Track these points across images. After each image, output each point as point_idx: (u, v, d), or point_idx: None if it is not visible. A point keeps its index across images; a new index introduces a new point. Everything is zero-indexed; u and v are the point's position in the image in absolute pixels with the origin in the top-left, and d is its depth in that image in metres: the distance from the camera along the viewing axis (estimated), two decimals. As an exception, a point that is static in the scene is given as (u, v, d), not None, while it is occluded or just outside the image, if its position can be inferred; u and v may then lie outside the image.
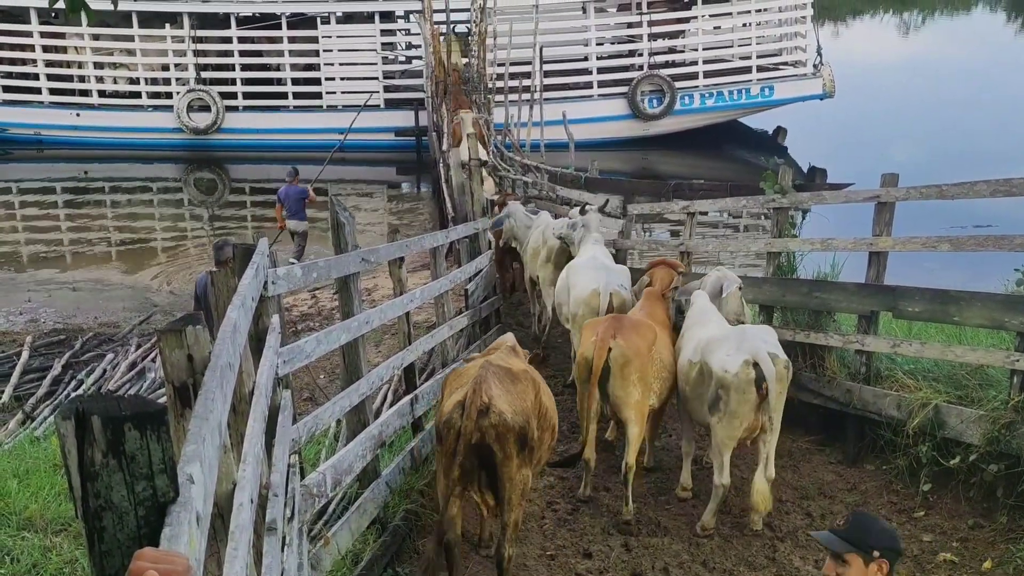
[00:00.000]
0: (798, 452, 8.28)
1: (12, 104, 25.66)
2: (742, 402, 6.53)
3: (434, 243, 8.83)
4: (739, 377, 6.51)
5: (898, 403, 7.35)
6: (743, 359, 6.52)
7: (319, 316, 14.06)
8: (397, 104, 25.74)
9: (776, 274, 9.52)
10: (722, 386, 6.58)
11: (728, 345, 6.68)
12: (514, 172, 17.38)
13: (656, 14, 25.97)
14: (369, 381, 6.18)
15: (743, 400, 6.52)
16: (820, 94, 26.16)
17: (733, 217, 19.58)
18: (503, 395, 5.50)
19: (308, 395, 10.48)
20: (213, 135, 25.40)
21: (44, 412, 10.30)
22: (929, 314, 7.42)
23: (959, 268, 13.39)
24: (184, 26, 25.23)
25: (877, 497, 7.29)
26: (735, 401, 6.54)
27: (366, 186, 24.70)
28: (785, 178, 9.67)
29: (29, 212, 22.54)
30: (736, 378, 6.51)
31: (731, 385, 6.54)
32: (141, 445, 1.66)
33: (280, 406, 4.49)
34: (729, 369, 6.55)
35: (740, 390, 6.52)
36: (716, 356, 6.71)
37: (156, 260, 18.01)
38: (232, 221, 21.36)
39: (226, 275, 3.99)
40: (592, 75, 25.96)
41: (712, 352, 6.77)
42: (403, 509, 6.54)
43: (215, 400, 2.30)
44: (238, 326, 3.15)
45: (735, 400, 6.54)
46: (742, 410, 6.55)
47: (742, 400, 6.53)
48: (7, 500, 5.97)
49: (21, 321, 14.48)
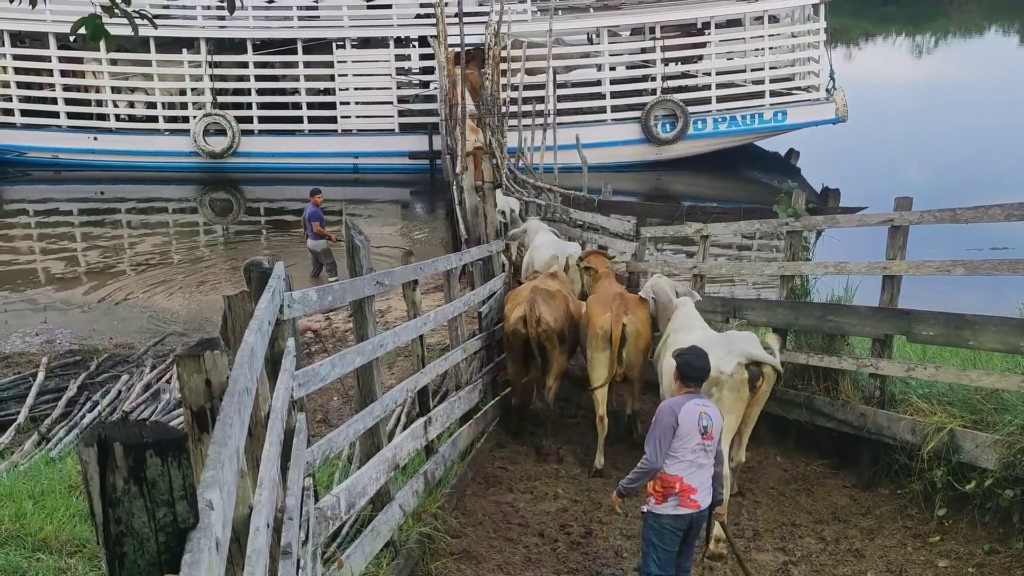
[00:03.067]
0: (812, 476, 8.26)
1: (31, 128, 25.92)
2: (736, 400, 7.23)
3: (448, 266, 8.86)
4: (734, 377, 7.20)
5: (913, 427, 7.31)
6: (736, 361, 7.23)
7: (333, 338, 14.09)
8: (411, 128, 25.88)
9: (790, 297, 9.51)
10: (716, 385, 7.14)
11: (720, 349, 7.30)
12: (528, 194, 17.44)
13: (669, 39, 26.06)
14: (383, 404, 6.19)
15: (737, 398, 7.24)
16: (833, 118, 26.17)
17: (747, 238, 19.55)
18: (548, 310, 8.91)
19: (321, 417, 10.50)
20: (229, 159, 25.58)
21: (59, 433, 10.34)
22: (944, 338, 7.40)
23: (974, 291, 13.33)
24: (201, 51, 25.47)
25: (892, 522, 7.25)
26: (730, 399, 7.20)
27: (380, 207, 24.79)
28: (798, 202, 9.68)
29: (46, 232, 22.70)
30: (731, 378, 7.20)
31: (726, 384, 7.20)
32: (162, 471, 1.68)
33: (295, 429, 4.51)
34: (724, 370, 7.17)
35: (735, 388, 7.22)
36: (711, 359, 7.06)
37: (170, 281, 18.11)
38: (247, 243, 21.46)
39: (243, 299, 4.02)
40: (605, 99, 26.04)
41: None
42: (416, 532, 6.54)
43: (233, 425, 2.32)
44: (255, 350, 3.18)
45: (730, 398, 7.20)
46: (737, 407, 7.26)
47: (736, 398, 7.23)
48: (22, 521, 5.99)
49: (37, 342, 14.57)
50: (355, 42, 26.16)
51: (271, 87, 26.46)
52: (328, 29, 25.82)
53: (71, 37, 5.98)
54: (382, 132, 25.57)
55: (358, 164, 24.25)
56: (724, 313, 10.12)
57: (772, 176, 25.49)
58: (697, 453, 5.60)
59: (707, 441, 5.62)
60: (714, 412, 5.73)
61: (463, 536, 6.93)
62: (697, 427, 5.58)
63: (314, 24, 26.05)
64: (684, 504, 5.61)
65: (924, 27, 53.03)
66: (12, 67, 25.90)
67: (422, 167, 25.68)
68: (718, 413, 5.80)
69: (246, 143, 25.56)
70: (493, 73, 22.61)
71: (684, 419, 5.56)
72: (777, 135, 27.04)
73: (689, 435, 5.57)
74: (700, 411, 5.61)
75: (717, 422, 5.71)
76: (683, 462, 5.59)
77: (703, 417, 5.60)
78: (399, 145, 25.58)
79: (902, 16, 54.33)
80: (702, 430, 5.59)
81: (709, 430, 5.61)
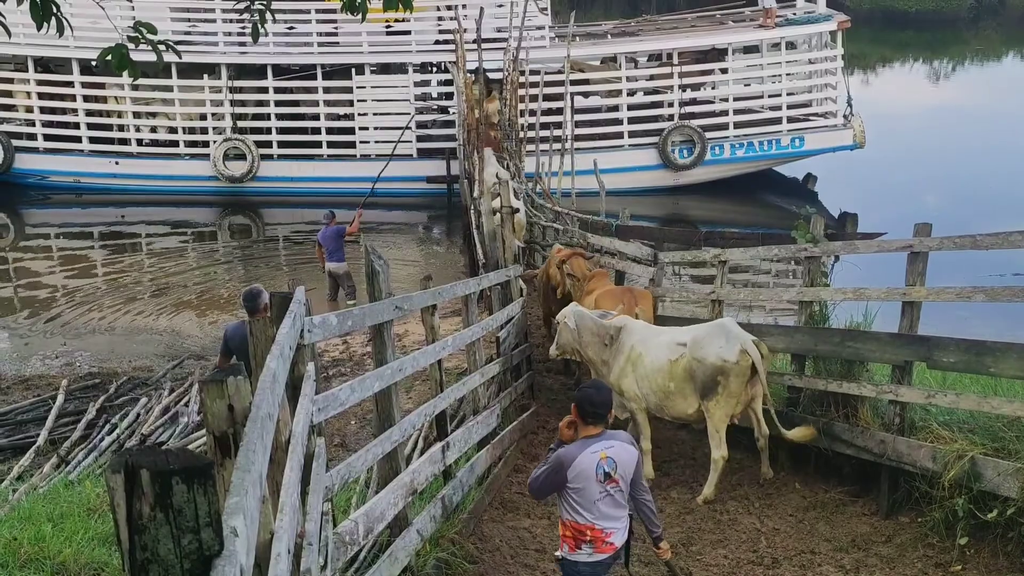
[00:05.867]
0: (832, 503, 8.20)
1: (53, 152, 26.18)
2: (740, 385, 8.21)
3: (466, 290, 8.88)
4: (740, 364, 8.14)
5: (933, 455, 7.25)
6: (739, 348, 8.15)
7: (350, 362, 14.12)
8: (429, 153, 25.99)
9: (808, 323, 9.47)
10: (723, 374, 8.12)
11: (720, 338, 8.29)
12: (545, 219, 17.47)
13: (686, 65, 26.12)
14: (401, 429, 6.20)
15: (742, 383, 8.20)
16: (851, 145, 26.10)
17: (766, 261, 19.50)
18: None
19: (339, 441, 10.51)
20: (248, 183, 25.74)
21: (79, 456, 10.38)
22: (964, 365, 7.35)
23: (995, 318, 13.24)
24: (222, 77, 25.69)
25: (913, 550, 7.18)
26: (736, 385, 8.18)
27: (398, 231, 24.88)
28: (817, 227, 9.66)
29: (66, 255, 22.90)
30: (737, 365, 8.15)
31: (732, 371, 8.14)
32: (188, 498, 1.69)
33: (314, 454, 4.52)
34: (729, 359, 8.14)
35: (740, 375, 8.17)
36: (710, 350, 8.31)
37: (189, 304, 18.19)
38: (265, 266, 21.57)
39: (264, 324, 4.05)
40: (623, 125, 26.10)
41: (703, 347, 8.37)
42: (434, 557, 6.53)
43: (256, 451, 2.34)
44: (277, 376, 3.20)
45: (736, 384, 8.18)
46: (739, 390, 8.22)
47: (741, 383, 8.20)
48: (41, 545, 6.01)
49: (57, 365, 14.65)
50: (374, 68, 26.34)
51: (290, 112, 26.66)
52: (348, 55, 26.01)
53: (94, 64, 6.08)
54: (400, 157, 25.71)
55: (376, 189, 24.29)
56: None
57: (790, 201, 25.45)
58: (603, 500, 5.24)
59: (612, 485, 5.24)
60: (620, 451, 5.27)
61: (480, 562, 6.91)
62: (595, 477, 5.18)
63: (334, 50, 26.26)
64: (599, 550, 5.29)
65: (942, 52, 52.95)
66: (36, 92, 26.20)
67: (440, 191, 25.78)
68: (627, 449, 5.33)
69: (265, 168, 25.72)
70: (511, 99, 22.71)
71: (578, 472, 5.17)
72: (794, 161, 27.02)
73: (587, 487, 5.20)
74: (599, 458, 5.19)
75: (626, 462, 5.28)
76: (590, 512, 5.25)
77: (603, 463, 5.19)
78: (417, 170, 25.70)
79: (920, 42, 54.29)
80: (602, 477, 5.20)
81: (613, 474, 5.22)
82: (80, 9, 18.57)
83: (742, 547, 7.56)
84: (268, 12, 7.03)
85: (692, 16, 30.30)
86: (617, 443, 5.30)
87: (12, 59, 25.77)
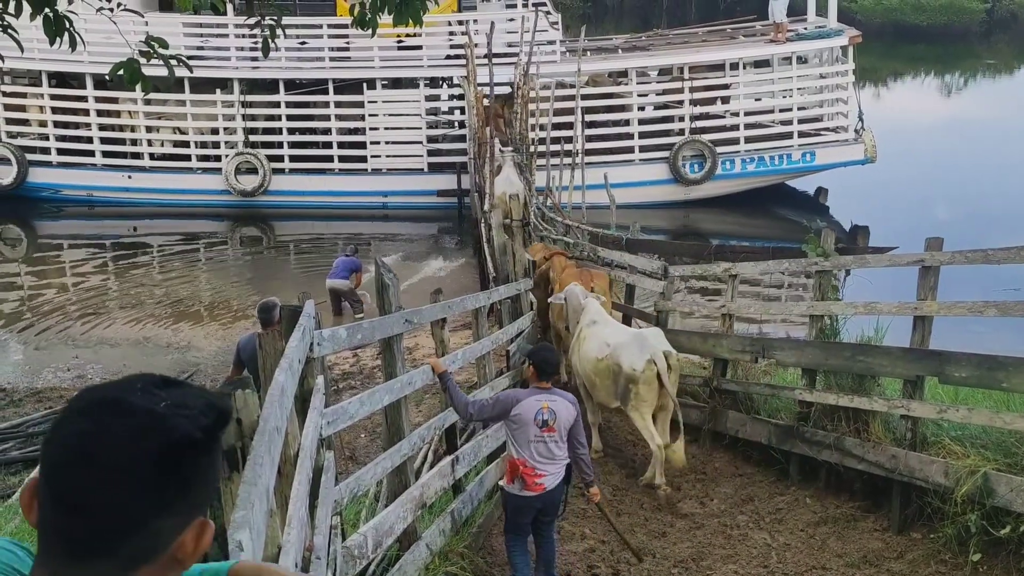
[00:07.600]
0: (843, 518, 8.15)
1: (66, 166, 26.34)
2: (650, 392, 8.67)
3: (476, 304, 8.89)
4: (646, 373, 8.61)
5: (945, 470, 7.20)
6: (647, 359, 8.62)
7: (361, 375, 14.13)
8: (440, 168, 26.06)
9: (819, 337, 9.44)
10: (632, 381, 8.62)
11: (634, 348, 8.76)
12: (556, 232, 17.49)
13: (697, 79, 26.14)
14: (411, 442, 6.20)
15: (650, 390, 8.66)
16: (862, 160, 26.05)
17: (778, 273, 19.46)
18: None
19: (349, 454, 10.50)
20: (260, 197, 25.84)
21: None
22: (976, 379, 7.31)
23: (1007, 333, 13.17)
24: (234, 91, 25.83)
25: (925, 566, 7.12)
26: (645, 391, 8.64)
27: (409, 244, 24.93)
28: (828, 241, 9.65)
29: (78, 268, 22.99)
30: (644, 374, 8.61)
31: (640, 379, 8.62)
32: (194, 510, 1.69)
33: (323, 467, 4.52)
34: (637, 368, 8.62)
35: (648, 383, 8.63)
36: (624, 357, 8.78)
37: (199, 317, 18.24)
38: (276, 279, 21.60)
39: (273, 338, 4.06)
40: (633, 139, 26.12)
41: (620, 354, 8.86)
42: (443, 571, 6.51)
43: (264, 465, 2.34)
44: (285, 389, 3.21)
45: (645, 391, 8.64)
46: (650, 398, 8.69)
47: (649, 390, 8.66)
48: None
49: (69, 377, 14.70)
50: (385, 82, 26.45)
51: (302, 126, 26.78)
52: (359, 70, 26.13)
53: (107, 78, 6.13)
54: (411, 171, 25.77)
55: (387, 202, 24.37)
56: (753, 352, 10.07)
57: (801, 214, 25.42)
58: (538, 443, 6.23)
59: (547, 433, 6.23)
60: (561, 407, 6.30)
61: (489, 576, 6.90)
62: (534, 420, 6.19)
63: (346, 65, 26.39)
64: (529, 488, 6.26)
65: (953, 66, 52.87)
66: (50, 107, 26.39)
67: (450, 205, 25.85)
68: (567, 406, 6.34)
69: (277, 182, 25.83)
70: (522, 113, 22.76)
71: (522, 411, 6.21)
72: (805, 176, 26.99)
73: (526, 425, 6.21)
74: (541, 406, 6.24)
75: (564, 417, 6.28)
76: (524, 449, 6.25)
77: (543, 412, 6.22)
78: (428, 184, 25.77)
79: (931, 55, 54.23)
80: (540, 423, 6.20)
81: (550, 423, 6.23)
82: (94, 24, 18.73)
83: (752, 562, 7.52)
84: (279, 28, 7.08)
85: (703, 31, 30.37)
86: (560, 399, 6.37)
87: (27, 74, 25.97)
